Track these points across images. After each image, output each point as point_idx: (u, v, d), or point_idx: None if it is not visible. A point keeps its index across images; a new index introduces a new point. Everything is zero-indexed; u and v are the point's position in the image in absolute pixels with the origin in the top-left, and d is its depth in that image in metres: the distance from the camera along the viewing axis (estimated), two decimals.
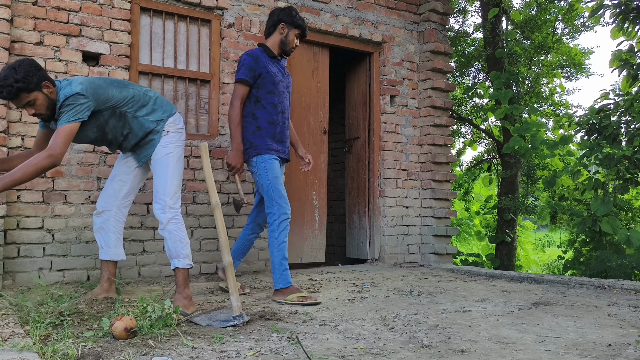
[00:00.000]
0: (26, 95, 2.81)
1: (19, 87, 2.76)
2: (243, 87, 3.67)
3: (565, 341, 2.60)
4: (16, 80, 2.75)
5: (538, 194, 11.12)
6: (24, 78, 2.76)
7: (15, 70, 2.76)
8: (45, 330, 2.54)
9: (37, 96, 2.84)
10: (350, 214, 6.08)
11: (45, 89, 2.86)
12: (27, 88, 2.78)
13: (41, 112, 2.89)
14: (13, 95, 2.78)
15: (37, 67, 2.85)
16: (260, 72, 3.67)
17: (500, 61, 9.21)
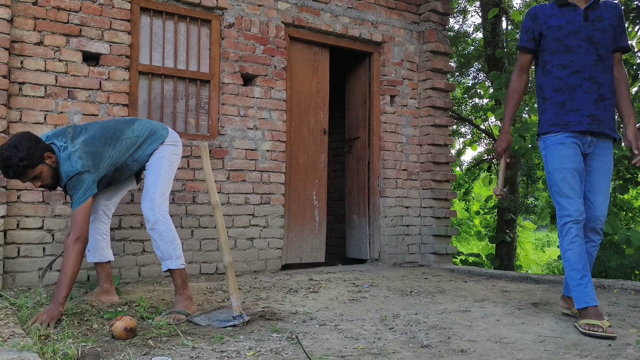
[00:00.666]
0: (32, 171, 2.82)
1: (24, 165, 2.77)
2: (521, 56, 3.16)
3: (565, 341, 2.60)
4: (20, 159, 2.75)
5: (538, 194, 11.12)
6: (27, 155, 2.76)
7: (17, 148, 2.75)
8: (45, 331, 2.53)
9: (42, 169, 2.85)
10: (350, 213, 6.08)
11: (47, 160, 2.87)
12: (32, 164, 2.79)
13: (47, 182, 2.92)
14: (20, 174, 2.80)
15: (36, 140, 2.84)
16: (540, 31, 3.02)
17: (500, 61, 9.21)
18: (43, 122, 3.95)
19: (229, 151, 4.76)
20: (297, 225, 5.30)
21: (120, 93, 4.26)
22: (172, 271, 3.11)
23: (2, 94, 3.71)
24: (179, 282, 3.12)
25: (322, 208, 5.48)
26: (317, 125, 5.49)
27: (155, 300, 3.46)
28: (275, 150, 5.01)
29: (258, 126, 4.93)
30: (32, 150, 2.78)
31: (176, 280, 3.12)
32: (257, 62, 4.94)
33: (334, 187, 6.98)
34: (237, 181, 4.79)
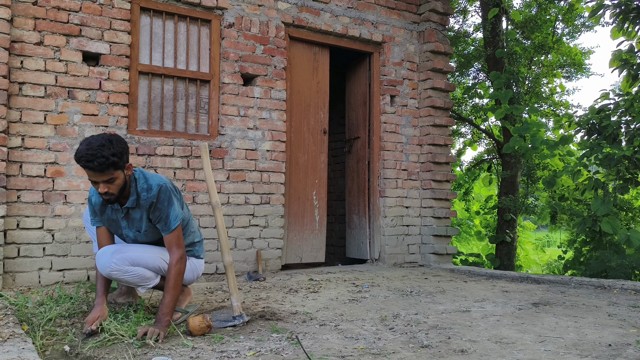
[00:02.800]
0: (113, 171, 2.63)
1: (113, 162, 2.60)
2: None
3: (565, 341, 2.60)
4: (112, 154, 2.60)
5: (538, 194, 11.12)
6: (119, 153, 2.63)
7: (112, 143, 2.62)
8: (45, 330, 2.53)
9: (119, 175, 2.68)
10: (350, 214, 6.08)
11: (127, 170, 2.72)
12: (117, 165, 2.63)
13: (114, 192, 2.69)
14: (104, 168, 2.58)
15: (127, 147, 2.74)
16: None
17: (500, 61, 9.21)
18: (43, 122, 3.95)
19: (229, 151, 4.76)
20: (297, 225, 5.30)
21: (120, 93, 4.26)
22: None
23: (2, 94, 3.71)
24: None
25: (322, 208, 5.47)
26: (317, 125, 5.49)
27: (155, 300, 3.45)
28: (275, 150, 5.01)
29: (258, 126, 4.93)
30: (123, 152, 2.67)
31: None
32: (257, 62, 4.94)
33: (334, 187, 6.98)
34: (237, 181, 4.79)
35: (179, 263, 2.75)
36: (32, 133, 3.91)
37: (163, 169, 4.41)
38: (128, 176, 2.75)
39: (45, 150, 3.95)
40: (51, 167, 3.97)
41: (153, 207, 2.79)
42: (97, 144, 2.58)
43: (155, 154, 4.39)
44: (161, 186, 2.78)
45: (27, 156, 3.89)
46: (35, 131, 3.93)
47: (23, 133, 3.88)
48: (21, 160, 3.87)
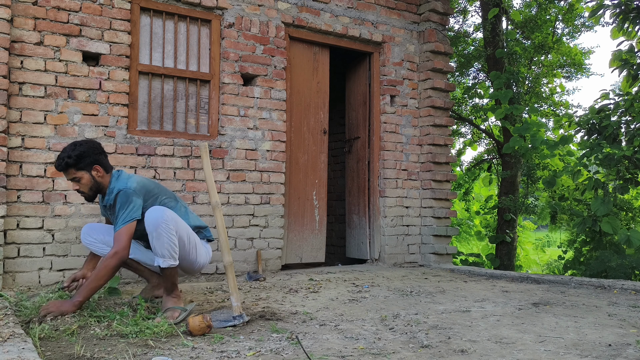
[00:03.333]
0: (75, 172, 3.02)
1: (67, 163, 2.98)
2: None
3: (565, 341, 2.60)
4: (69, 156, 2.98)
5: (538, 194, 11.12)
6: (77, 156, 2.99)
7: (75, 147, 3.02)
8: (45, 330, 2.53)
9: (83, 175, 3.04)
10: (350, 214, 6.08)
11: (93, 171, 3.07)
12: (76, 166, 3.00)
13: (84, 190, 3.09)
14: (62, 168, 3.01)
15: (99, 150, 3.09)
16: None
17: (500, 61, 9.21)
18: (43, 122, 3.95)
19: (229, 151, 4.76)
20: (297, 225, 5.30)
21: (120, 93, 4.26)
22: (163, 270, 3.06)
23: (2, 94, 3.71)
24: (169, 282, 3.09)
25: (322, 208, 5.47)
26: (317, 125, 5.49)
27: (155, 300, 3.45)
28: (275, 150, 5.01)
29: (258, 126, 4.93)
30: (83, 155, 3.01)
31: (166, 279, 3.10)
32: (257, 62, 4.94)
33: (334, 187, 6.98)
34: (237, 181, 4.79)
35: (113, 257, 2.91)
36: (32, 133, 3.91)
37: (163, 169, 4.41)
38: (99, 177, 3.09)
39: (45, 150, 3.95)
40: (51, 167, 3.97)
41: (112, 207, 3.11)
42: (68, 147, 3.01)
43: (155, 154, 4.39)
44: (120, 191, 3.04)
45: (27, 156, 3.89)
46: (35, 131, 3.93)
47: (23, 133, 3.88)
48: (21, 160, 3.87)
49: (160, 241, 2.97)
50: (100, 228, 3.39)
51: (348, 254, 6.09)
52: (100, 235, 3.34)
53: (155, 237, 2.98)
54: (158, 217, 2.97)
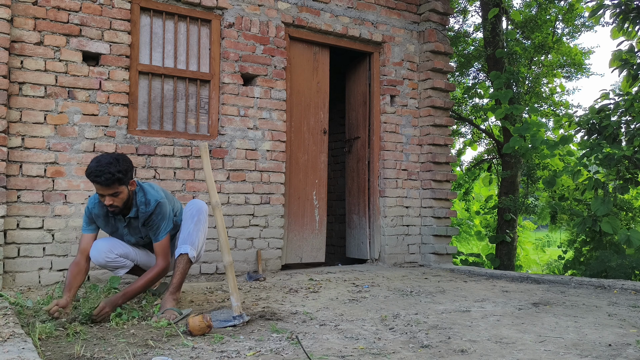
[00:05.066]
0: (117, 187, 2.97)
1: (118, 178, 2.94)
2: None
3: (565, 341, 2.60)
4: (118, 171, 2.94)
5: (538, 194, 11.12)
6: (124, 170, 2.98)
7: (119, 162, 2.98)
8: (45, 330, 2.53)
9: (123, 190, 3.02)
10: (350, 213, 6.08)
11: (130, 186, 3.07)
12: (122, 181, 2.98)
13: (118, 205, 3.04)
14: (110, 182, 2.93)
15: (132, 165, 3.11)
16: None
17: (501, 61, 9.21)
18: (43, 122, 3.95)
19: (229, 151, 4.76)
20: (297, 225, 5.30)
21: (120, 93, 4.26)
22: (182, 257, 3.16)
23: (2, 94, 3.71)
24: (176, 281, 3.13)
25: (322, 208, 5.47)
26: (317, 125, 5.49)
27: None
28: (275, 150, 5.01)
29: (258, 126, 4.93)
30: (128, 169, 3.02)
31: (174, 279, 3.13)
32: (257, 62, 4.94)
33: (334, 187, 6.98)
34: (237, 181, 4.79)
35: (161, 272, 3.09)
36: (32, 133, 3.91)
37: (163, 169, 4.41)
38: (131, 191, 3.09)
39: (45, 150, 3.95)
40: (51, 167, 3.97)
41: (148, 219, 3.14)
42: (106, 161, 2.93)
43: (155, 154, 4.39)
44: (158, 202, 3.13)
45: (27, 156, 3.89)
46: (35, 131, 3.93)
47: (23, 133, 3.88)
48: (21, 160, 3.87)
49: (197, 227, 3.16)
50: (115, 243, 3.31)
51: (348, 254, 6.09)
52: (120, 249, 3.29)
53: (195, 221, 3.15)
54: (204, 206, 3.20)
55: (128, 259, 3.34)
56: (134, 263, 3.38)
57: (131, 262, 3.36)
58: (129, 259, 3.34)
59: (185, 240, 3.15)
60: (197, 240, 3.17)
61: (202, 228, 3.21)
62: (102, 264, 3.27)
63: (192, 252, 3.14)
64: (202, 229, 3.21)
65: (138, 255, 3.39)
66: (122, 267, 3.34)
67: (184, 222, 3.20)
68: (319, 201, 5.46)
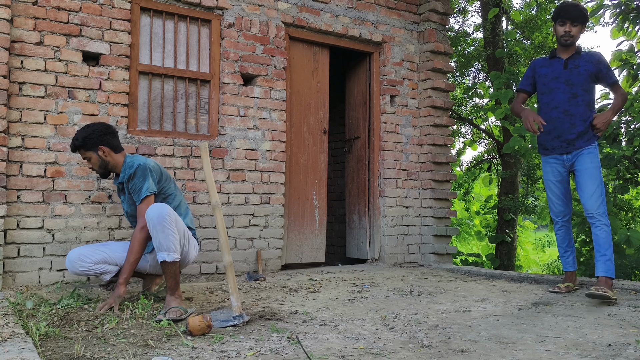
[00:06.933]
0: (84, 152, 3.37)
1: (74, 145, 3.36)
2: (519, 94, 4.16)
3: (565, 341, 2.60)
4: (76, 139, 3.34)
5: (538, 194, 11.12)
6: (83, 138, 3.33)
7: (84, 129, 3.36)
8: (45, 330, 2.53)
9: (91, 155, 3.36)
10: (350, 213, 6.08)
11: (99, 151, 3.35)
12: (85, 147, 3.34)
13: (95, 168, 3.40)
14: (74, 148, 3.38)
15: (103, 132, 3.37)
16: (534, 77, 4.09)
17: (501, 61, 9.21)
18: (43, 122, 3.95)
19: (229, 151, 4.76)
20: (297, 225, 5.30)
21: (120, 93, 4.26)
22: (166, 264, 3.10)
23: (2, 94, 3.71)
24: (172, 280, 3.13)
25: (322, 208, 5.47)
26: (317, 125, 5.49)
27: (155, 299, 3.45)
28: (275, 150, 5.01)
29: (258, 126, 4.93)
30: (90, 136, 3.32)
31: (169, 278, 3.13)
32: (257, 62, 4.94)
33: (334, 187, 6.98)
34: (237, 181, 4.79)
35: (143, 230, 3.18)
36: (32, 133, 3.91)
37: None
38: (107, 156, 3.36)
39: (45, 150, 3.95)
40: (51, 167, 3.97)
41: (130, 180, 3.30)
42: (79, 130, 3.37)
43: (156, 154, 4.39)
44: (140, 164, 3.29)
45: (27, 156, 3.89)
46: (36, 131, 3.93)
47: (23, 133, 3.88)
48: (21, 160, 3.87)
49: (165, 234, 3.06)
50: (88, 250, 3.33)
51: (348, 254, 6.10)
52: (93, 256, 3.30)
53: (159, 230, 3.05)
54: (162, 212, 3.07)
55: (108, 264, 3.33)
56: (117, 266, 3.36)
57: (113, 267, 3.35)
58: (109, 263, 3.33)
59: (159, 249, 3.07)
60: (170, 244, 3.07)
61: (169, 231, 3.07)
62: (78, 274, 3.35)
63: (171, 256, 3.07)
64: (170, 231, 3.07)
65: (123, 258, 3.31)
66: (105, 273, 3.35)
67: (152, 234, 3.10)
68: (319, 201, 5.46)
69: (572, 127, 3.85)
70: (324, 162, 5.52)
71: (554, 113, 3.90)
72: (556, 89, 3.91)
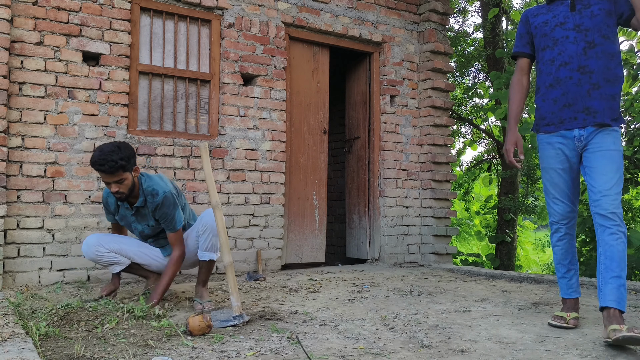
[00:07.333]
0: (121, 174, 3.11)
1: (120, 165, 3.08)
2: (518, 61, 3.09)
3: (565, 341, 2.60)
4: (121, 158, 3.08)
5: (538, 194, 11.12)
6: (126, 157, 3.11)
7: (120, 149, 3.11)
8: (45, 330, 2.53)
9: (127, 177, 3.15)
10: (350, 213, 6.08)
11: (134, 172, 3.21)
12: (125, 168, 3.11)
13: (124, 191, 3.16)
14: (114, 170, 3.07)
15: (134, 152, 3.22)
16: (529, 32, 3.01)
17: (500, 61, 9.21)
18: (43, 122, 3.95)
19: (229, 151, 4.76)
20: (297, 225, 5.30)
21: (120, 93, 4.26)
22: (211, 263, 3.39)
23: (2, 94, 3.71)
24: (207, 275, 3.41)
25: (322, 208, 5.48)
26: (317, 125, 5.49)
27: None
28: (275, 150, 5.01)
29: (258, 126, 4.93)
30: (130, 157, 3.14)
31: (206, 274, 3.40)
32: (257, 62, 4.94)
33: (334, 187, 6.98)
34: (237, 181, 4.79)
35: (180, 259, 3.28)
36: (32, 133, 3.91)
37: (163, 169, 4.41)
38: (136, 177, 3.22)
39: (45, 150, 3.96)
40: (51, 167, 3.97)
41: (158, 209, 3.24)
42: (108, 150, 3.07)
43: (155, 154, 4.40)
44: (166, 194, 3.22)
45: (27, 156, 3.89)
46: (35, 131, 3.93)
47: (23, 133, 3.88)
48: (21, 160, 3.87)
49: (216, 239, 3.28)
50: (107, 238, 3.39)
51: (348, 254, 6.10)
52: (111, 245, 3.35)
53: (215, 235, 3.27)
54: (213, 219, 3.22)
55: (121, 255, 3.37)
56: (129, 260, 3.41)
57: (126, 259, 3.40)
58: (122, 255, 3.37)
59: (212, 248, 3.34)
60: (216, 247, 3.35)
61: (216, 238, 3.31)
62: (93, 259, 3.33)
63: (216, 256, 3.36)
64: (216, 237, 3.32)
65: (136, 253, 3.42)
66: (117, 264, 3.37)
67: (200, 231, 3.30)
68: (318, 201, 5.46)
69: (593, 88, 2.75)
70: (324, 162, 5.52)
71: (563, 72, 2.82)
72: (563, 39, 2.83)
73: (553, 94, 2.86)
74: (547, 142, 2.92)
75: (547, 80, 2.89)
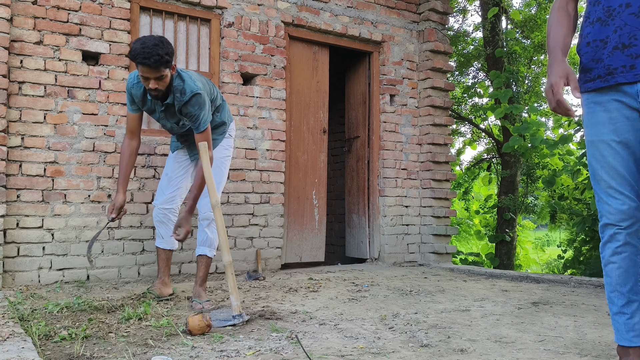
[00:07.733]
0: (163, 69, 2.96)
1: (166, 60, 2.93)
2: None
3: (565, 341, 2.60)
4: (166, 53, 2.92)
5: (538, 194, 11.13)
6: (171, 53, 2.96)
7: (163, 44, 2.93)
8: (45, 329, 2.53)
9: (167, 74, 3.01)
10: (349, 213, 6.08)
11: (172, 70, 3.06)
12: (168, 64, 2.96)
13: (162, 89, 3.04)
14: (159, 65, 2.90)
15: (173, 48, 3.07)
16: None
17: (500, 60, 9.21)
18: (43, 122, 3.95)
19: None
20: (297, 224, 5.30)
21: (120, 92, 4.26)
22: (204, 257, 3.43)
23: (1, 93, 3.71)
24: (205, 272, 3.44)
25: (321, 207, 5.47)
26: (316, 125, 5.49)
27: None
28: (275, 149, 5.01)
29: (258, 125, 4.93)
30: (172, 53, 2.98)
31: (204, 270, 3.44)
32: (256, 61, 4.94)
33: (334, 186, 6.98)
34: (237, 180, 4.79)
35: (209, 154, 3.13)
36: (32, 132, 3.91)
37: (163, 169, 4.40)
38: (172, 75, 3.08)
39: (45, 149, 3.95)
40: (51, 167, 3.97)
41: (183, 107, 3.12)
42: (152, 43, 2.88)
43: (155, 154, 4.39)
44: (194, 93, 3.08)
45: (26, 155, 3.89)
46: (35, 130, 3.92)
47: (23, 132, 3.88)
48: (21, 159, 3.87)
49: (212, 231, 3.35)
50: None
51: (348, 254, 6.10)
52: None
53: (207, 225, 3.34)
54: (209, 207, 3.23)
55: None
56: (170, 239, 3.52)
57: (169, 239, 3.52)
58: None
59: (203, 244, 3.40)
60: (214, 243, 3.44)
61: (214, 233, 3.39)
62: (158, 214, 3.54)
63: (212, 252, 3.43)
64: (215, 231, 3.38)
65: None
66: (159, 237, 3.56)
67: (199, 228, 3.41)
68: (318, 200, 5.46)
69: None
70: (323, 161, 5.52)
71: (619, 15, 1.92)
72: None
73: (602, 33, 1.97)
74: (594, 103, 2.01)
75: (594, 12, 2.01)
